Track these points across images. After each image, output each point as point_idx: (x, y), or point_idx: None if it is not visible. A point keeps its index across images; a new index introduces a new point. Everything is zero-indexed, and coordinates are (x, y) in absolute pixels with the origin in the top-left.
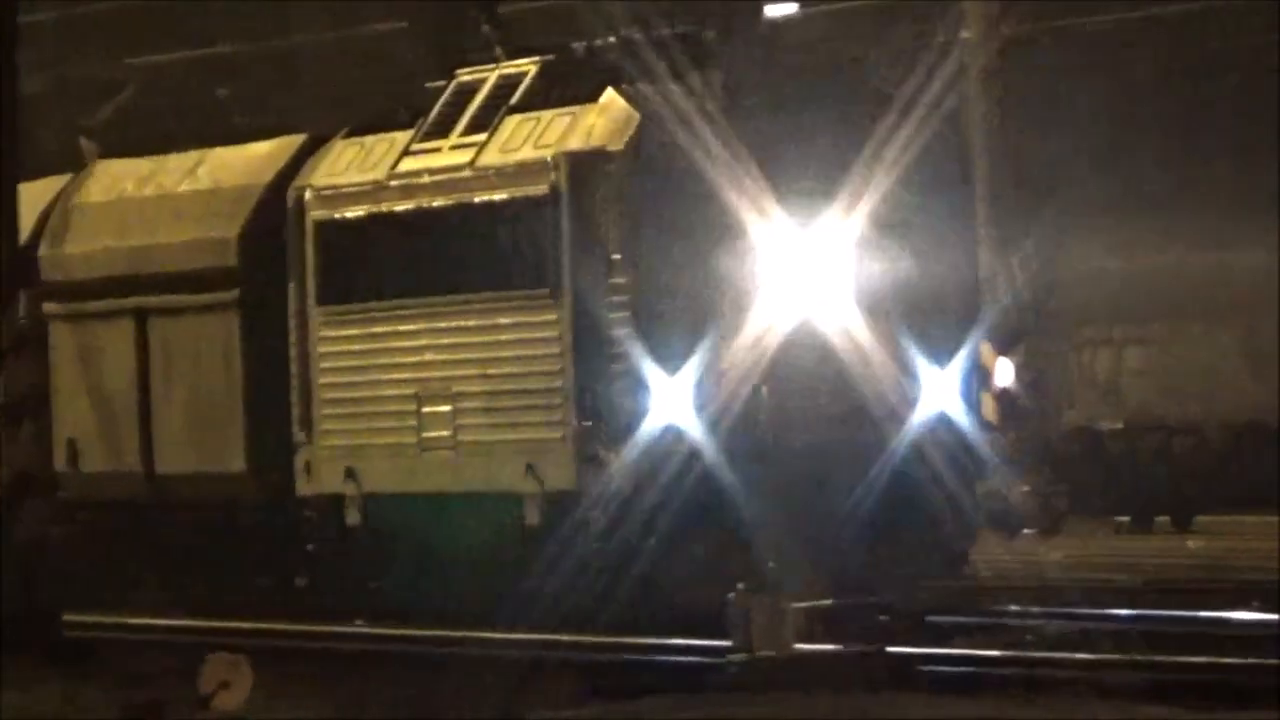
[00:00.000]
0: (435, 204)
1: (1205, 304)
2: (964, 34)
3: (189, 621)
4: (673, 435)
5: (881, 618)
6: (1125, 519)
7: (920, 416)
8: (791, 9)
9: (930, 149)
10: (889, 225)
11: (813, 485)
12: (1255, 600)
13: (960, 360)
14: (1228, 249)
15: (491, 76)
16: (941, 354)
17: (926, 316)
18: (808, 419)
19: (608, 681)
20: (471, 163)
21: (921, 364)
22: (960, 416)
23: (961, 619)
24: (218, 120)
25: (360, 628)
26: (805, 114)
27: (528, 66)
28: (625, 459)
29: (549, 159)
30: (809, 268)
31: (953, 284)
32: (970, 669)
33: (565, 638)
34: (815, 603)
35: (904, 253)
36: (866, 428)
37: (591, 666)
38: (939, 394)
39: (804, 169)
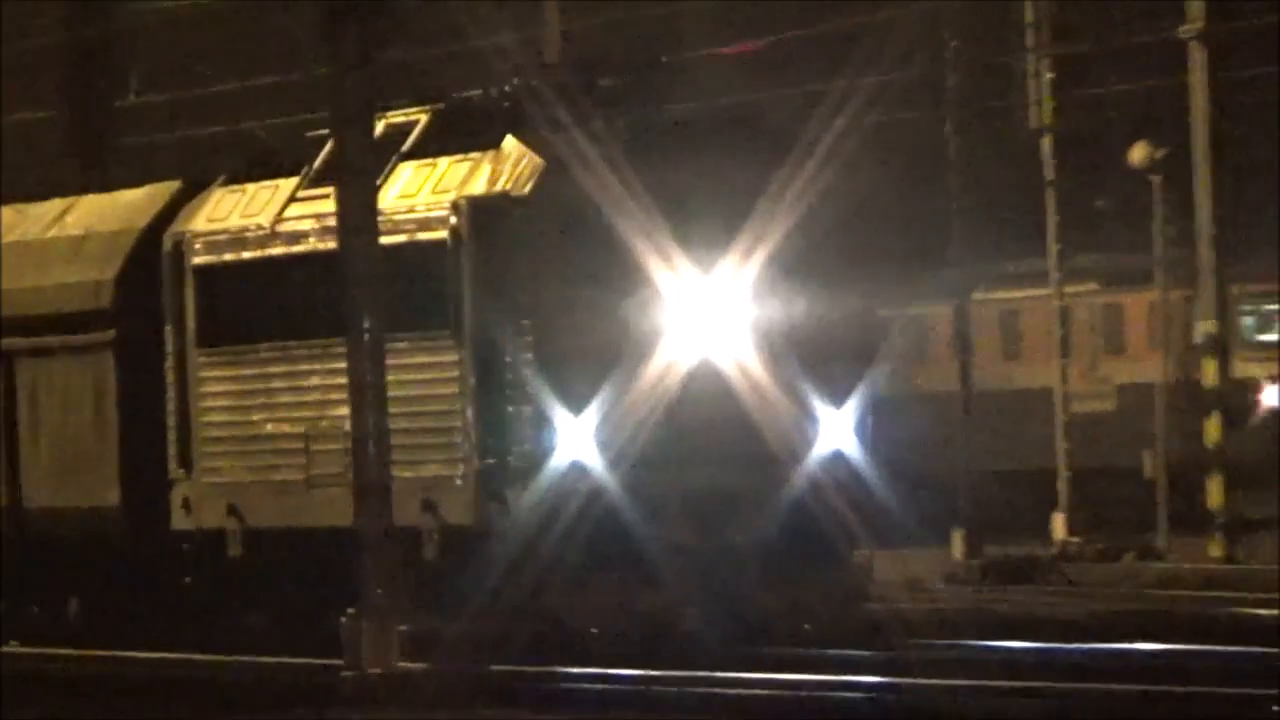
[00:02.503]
0: (325, 248)
1: None
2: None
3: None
4: (577, 473)
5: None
6: None
7: (818, 453)
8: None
9: (829, 192)
10: (787, 268)
11: (715, 520)
12: None
13: (856, 399)
14: None
15: (379, 125)
16: (838, 393)
17: (824, 357)
18: (709, 457)
19: (230, 696)
20: None
21: (819, 403)
22: (855, 453)
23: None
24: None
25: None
26: (705, 158)
27: (418, 115)
28: (529, 496)
29: (449, 204)
30: (709, 309)
31: (849, 325)
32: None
33: (199, 657)
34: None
35: (802, 295)
36: (766, 464)
37: (212, 683)
38: (835, 432)
39: (704, 213)
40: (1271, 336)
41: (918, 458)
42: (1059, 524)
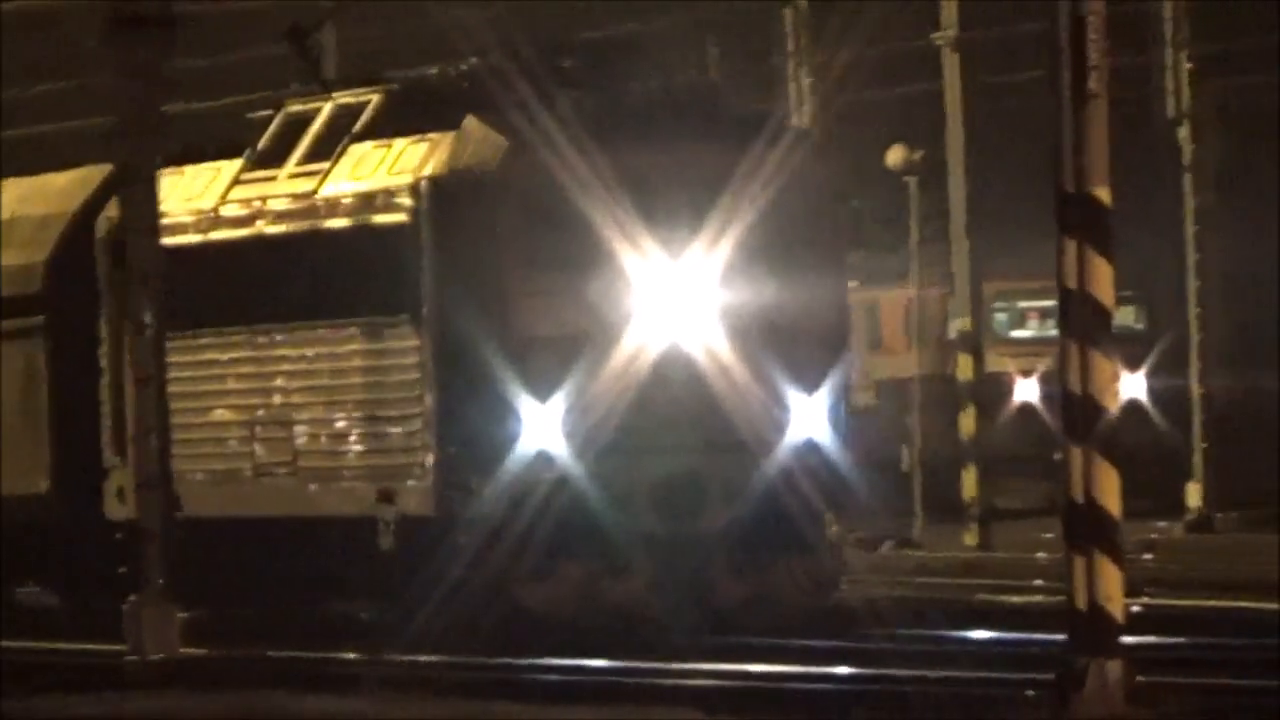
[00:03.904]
0: (273, 232)
1: None
2: None
3: None
4: (542, 461)
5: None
6: None
7: (789, 441)
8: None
9: (798, 173)
10: (757, 251)
11: (683, 509)
12: None
13: (829, 386)
14: None
15: (326, 106)
16: (810, 380)
17: (795, 342)
18: (678, 444)
19: (11, 680)
20: (315, 190)
21: (790, 390)
22: (828, 441)
23: None
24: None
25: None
26: (673, 138)
27: (368, 95)
28: (494, 485)
29: (408, 186)
30: (678, 293)
31: (821, 310)
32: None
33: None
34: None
35: (773, 278)
36: (736, 452)
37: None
38: (808, 419)
39: (671, 193)
40: (1023, 333)
41: None
42: None
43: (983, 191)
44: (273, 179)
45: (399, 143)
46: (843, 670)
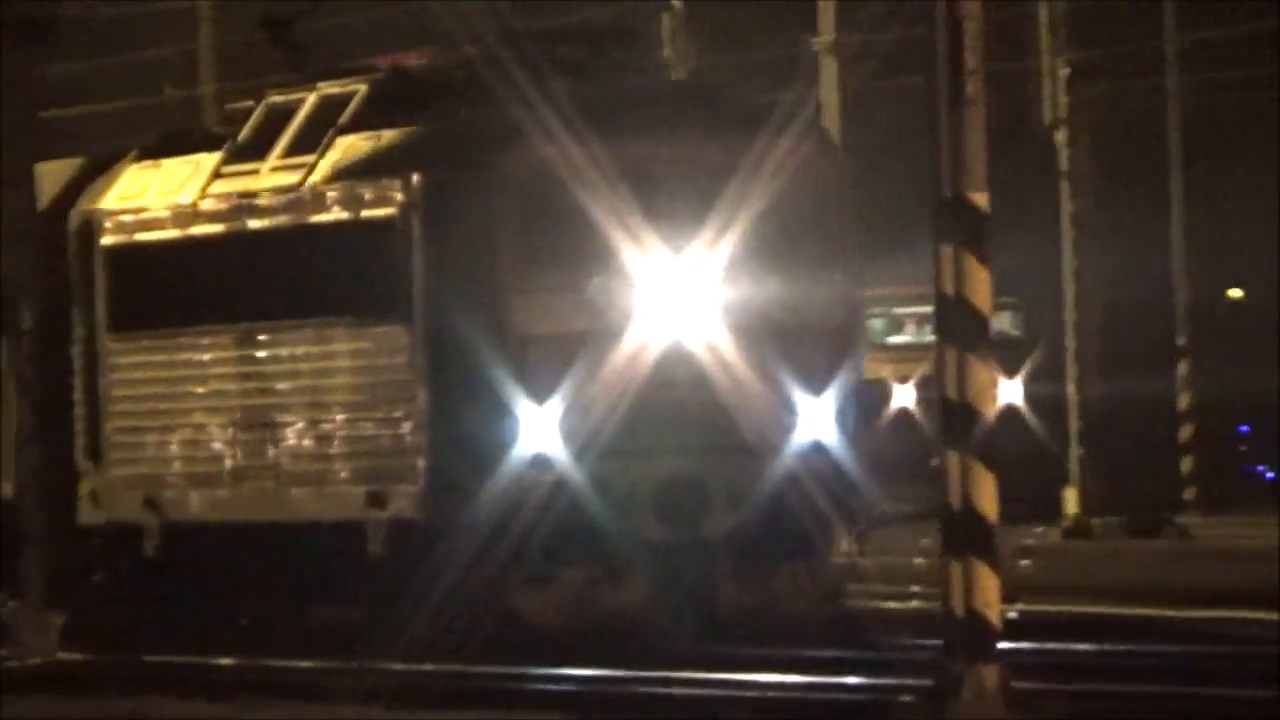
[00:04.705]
0: (256, 226)
1: None
2: None
3: None
4: (540, 464)
5: None
6: None
7: (796, 443)
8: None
9: (805, 166)
10: (763, 246)
11: (686, 513)
12: None
13: (837, 386)
14: None
15: (310, 97)
16: (817, 380)
17: (802, 341)
18: (680, 446)
19: None
20: (301, 183)
21: (797, 390)
22: (836, 443)
23: None
24: None
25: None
26: (675, 128)
27: (355, 86)
28: (489, 489)
29: (398, 178)
30: (681, 290)
31: (828, 307)
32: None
33: None
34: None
35: (779, 275)
36: (740, 454)
37: None
38: (815, 421)
39: (674, 186)
40: (900, 339)
41: None
42: None
43: (859, 196)
44: (255, 172)
45: (388, 134)
46: (717, 676)
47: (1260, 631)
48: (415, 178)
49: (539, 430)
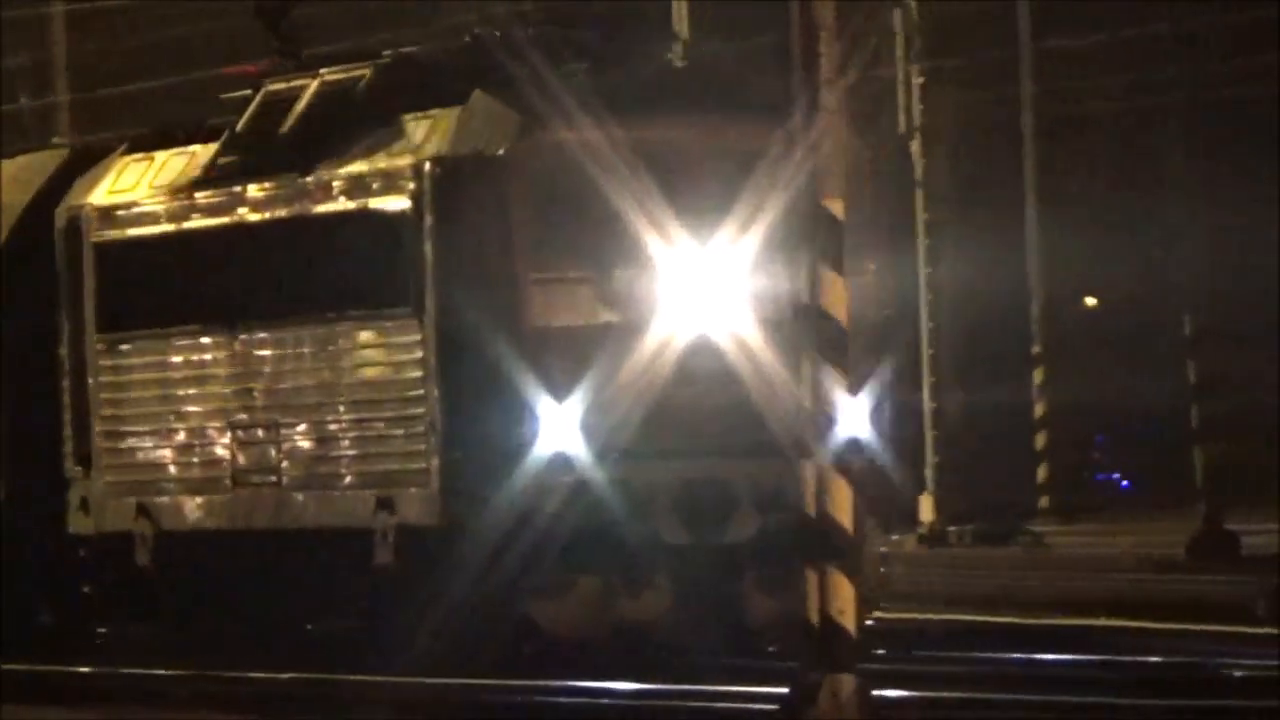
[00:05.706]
0: (256, 219)
1: None
2: None
3: None
4: (558, 465)
5: None
6: None
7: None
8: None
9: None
10: (792, 235)
11: (711, 517)
12: None
13: (871, 386)
14: None
15: (312, 84)
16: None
17: None
18: (705, 447)
19: None
20: (305, 174)
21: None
22: (871, 443)
23: None
24: None
25: None
26: (699, 113)
27: (360, 71)
28: (504, 492)
29: (409, 166)
30: (706, 282)
31: (863, 300)
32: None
33: None
34: None
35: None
36: (768, 456)
37: None
38: (848, 421)
39: (698, 173)
40: None
41: None
42: None
43: None
44: (255, 164)
45: (396, 120)
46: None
47: (1106, 638)
48: (426, 165)
49: (557, 429)
